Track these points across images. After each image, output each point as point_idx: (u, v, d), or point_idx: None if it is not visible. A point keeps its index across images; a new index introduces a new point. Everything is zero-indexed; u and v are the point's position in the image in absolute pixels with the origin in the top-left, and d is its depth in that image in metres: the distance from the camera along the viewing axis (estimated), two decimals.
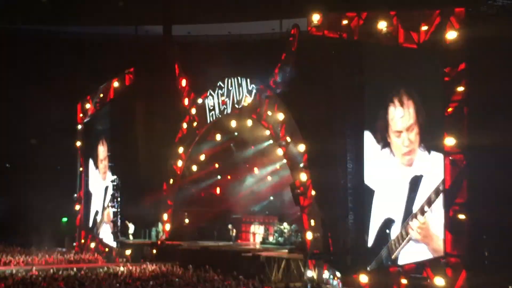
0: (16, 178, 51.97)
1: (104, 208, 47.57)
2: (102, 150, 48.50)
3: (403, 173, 28.07)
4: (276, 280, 31.62)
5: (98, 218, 48.41)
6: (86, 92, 50.12)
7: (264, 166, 43.78)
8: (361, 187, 30.23)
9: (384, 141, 29.16)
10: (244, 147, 43.97)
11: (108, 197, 46.41)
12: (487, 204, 24.35)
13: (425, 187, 26.84)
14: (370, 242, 29.59)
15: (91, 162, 50.12)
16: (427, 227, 26.34)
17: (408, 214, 27.42)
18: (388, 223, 28.59)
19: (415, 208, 27.11)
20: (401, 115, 28.16)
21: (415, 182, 27.35)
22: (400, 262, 27.73)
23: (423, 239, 26.55)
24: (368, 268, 29.05)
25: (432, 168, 26.47)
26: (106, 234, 46.41)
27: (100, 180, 48.61)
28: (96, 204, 49.12)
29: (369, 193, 29.81)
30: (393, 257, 28.19)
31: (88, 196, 50.20)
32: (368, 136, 30.02)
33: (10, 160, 55.13)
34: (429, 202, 26.14)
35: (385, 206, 28.98)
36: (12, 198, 51.91)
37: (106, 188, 47.28)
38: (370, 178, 29.96)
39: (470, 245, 24.96)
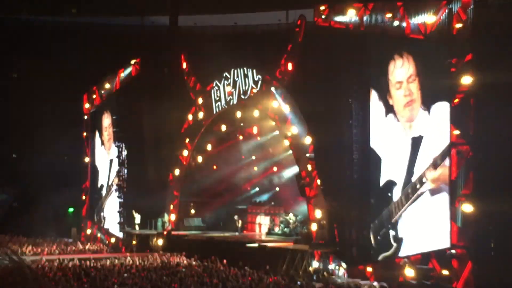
0: (22, 168, 52.08)
1: (109, 186, 47.69)
2: (107, 123, 49.03)
3: (405, 135, 28.24)
4: (281, 271, 31.62)
5: (104, 190, 48.50)
6: (93, 83, 50.20)
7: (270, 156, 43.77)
8: (367, 156, 30.38)
9: (387, 106, 29.32)
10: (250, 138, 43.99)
11: (113, 172, 46.51)
12: (494, 196, 24.27)
13: (425, 148, 26.99)
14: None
15: (97, 139, 50.39)
16: (443, 174, 26.21)
17: (410, 176, 27.52)
18: (389, 185, 28.65)
19: (416, 169, 27.22)
20: (400, 65, 28.38)
21: (415, 144, 27.50)
22: (400, 232, 27.83)
23: (441, 183, 26.32)
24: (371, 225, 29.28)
25: (432, 128, 26.62)
26: (112, 224, 46.51)
27: (104, 154, 49.05)
28: (103, 177, 49.36)
29: (377, 160, 29.90)
30: (393, 220, 28.26)
31: (95, 173, 50.29)
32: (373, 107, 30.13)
33: (17, 150, 55.25)
34: (444, 155, 26.04)
35: (389, 169, 29.12)
36: (18, 188, 52.09)
37: (111, 161, 47.42)
38: (377, 145, 30.11)
39: (476, 237, 24.91)
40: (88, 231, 49.50)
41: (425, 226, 26.76)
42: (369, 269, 29.03)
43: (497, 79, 24.37)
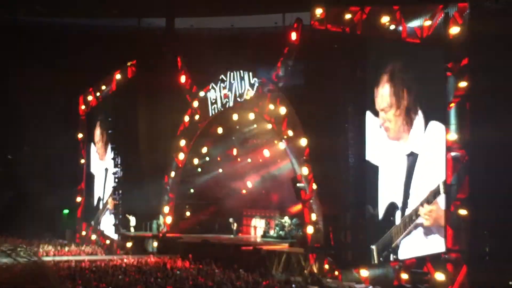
0: (18, 170, 52.01)
1: (105, 194, 47.59)
2: (99, 135, 49.06)
3: (398, 152, 28.29)
4: (276, 274, 31.61)
5: (101, 204, 48.39)
6: (89, 84, 50.17)
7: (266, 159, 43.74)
8: (363, 160, 30.36)
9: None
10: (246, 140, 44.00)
11: (109, 179, 46.37)
12: (489, 200, 24.31)
13: (421, 167, 26.99)
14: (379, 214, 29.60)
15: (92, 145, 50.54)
16: (436, 211, 26.21)
17: (407, 198, 27.52)
18: (392, 209, 28.55)
19: (413, 192, 27.23)
20: (383, 94, 28.89)
21: (411, 162, 27.52)
22: (401, 256, 27.71)
23: (434, 223, 26.32)
24: (375, 245, 29.13)
25: (428, 147, 26.64)
26: (107, 226, 46.46)
27: (99, 162, 49.03)
28: (98, 186, 49.22)
29: (373, 169, 29.88)
30: (393, 245, 28.19)
31: (90, 178, 50.23)
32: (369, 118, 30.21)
33: (12, 152, 55.16)
34: (435, 194, 26.04)
35: (387, 188, 29.06)
36: (13, 189, 51.98)
37: (106, 170, 47.38)
38: (372, 155, 30.13)
39: (471, 241, 24.93)
40: (83, 233, 49.41)
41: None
42: (364, 272, 29.00)
43: (493, 84, 24.45)
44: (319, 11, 32.48)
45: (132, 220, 45.10)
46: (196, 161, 45.16)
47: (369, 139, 30.19)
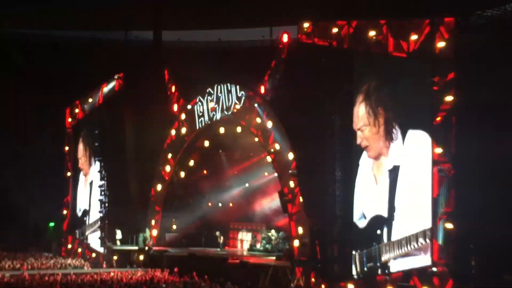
0: (2, 183, 51.73)
1: (90, 208, 47.42)
2: (81, 148, 49.08)
3: (381, 168, 28.51)
4: (263, 287, 31.58)
5: (87, 219, 48.17)
6: (75, 97, 50.04)
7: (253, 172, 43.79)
8: (350, 173, 30.42)
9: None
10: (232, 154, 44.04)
11: (95, 193, 46.26)
12: (475, 214, 24.40)
13: (404, 178, 27.07)
14: (361, 224, 29.60)
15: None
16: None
17: (392, 211, 27.47)
18: (378, 222, 28.47)
19: (398, 205, 27.24)
20: (359, 113, 29.35)
21: (393, 177, 27.59)
22: (386, 269, 27.74)
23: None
24: (357, 252, 29.17)
25: (409, 157, 26.80)
26: (93, 239, 46.25)
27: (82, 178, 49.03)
28: (83, 199, 49.10)
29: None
30: (383, 260, 28.11)
31: (76, 185, 50.19)
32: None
33: None
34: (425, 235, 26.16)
35: (373, 197, 29.06)
36: None
37: (91, 183, 47.24)
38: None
39: (458, 254, 25.00)
40: (69, 246, 49.17)
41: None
42: (351, 286, 29.01)
43: (479, 98, 24.58)
44: (306, 25, 32.62)
45: (118, 233, 44.93)
46: (182, 174, 45.10)
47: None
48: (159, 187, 45.33)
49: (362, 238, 29.42)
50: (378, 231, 28.36)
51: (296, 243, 33.46)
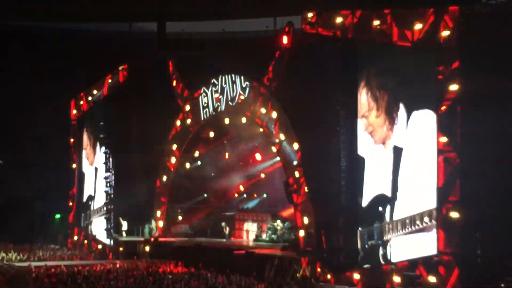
0: (9, 175, 51.88)
1: (96, 194, 47.50)
2: (86, 139, 49.28)
3: (385, 150, 28.64)
4: (269, 278, 31.62)
5: (92, 204, 48.26)
6: (80, 89, 50.08)
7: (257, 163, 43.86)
8: (355, 163, 30.53)
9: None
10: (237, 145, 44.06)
11: (100, 179, 46.32)
12: (480, 202, 24.39)
13: (407, 160, 27.19)
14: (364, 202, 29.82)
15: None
16: None
17: (396, 190, 27.61)
18: (380, 200, 28.61)
19: (401, 184, 27.34)
20: (361, 100, 29.62)
21: (397, 157, 27.71)
22: (393, 258, 27.77)
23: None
24: (360, 229, 29.41)
25: (412, 139, 26.89)
26: (99, 231, 46.36)
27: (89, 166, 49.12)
28: (88, 185, 49.20)
29: (361, 161, 30.21)
30: (384, 238, 28.22)
31: (81, 177, 50.23)
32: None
33: (3, 157, 54.97)
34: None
35: (375, 180, 29.23)
36: (5, 194, 51.86)
37: (96, 169, 47.28)
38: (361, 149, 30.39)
39: (463, 243, 25.00)
40: (75, 238, 49.30)
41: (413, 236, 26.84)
42: (356, 276, 29.05)
43: (484, 87, 24.50)
44: (310, 15, 32.53)
45: (124, 225, 45.03)
46: (187, 165, 45.14)
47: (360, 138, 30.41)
48: (164, 178, 45.38)
49: (364, 217, 29.61)
50: (380, 208, 28.44)
51: (301, 233, 33.50)
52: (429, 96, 26.14)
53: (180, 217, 46.02)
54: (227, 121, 41.42)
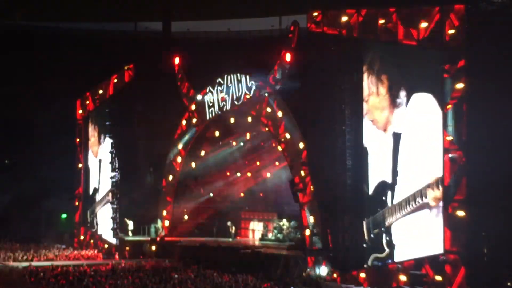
0: (15, 175, 51.96)
1: (100, 184, 47.54)
2: (91, 129, 49.30)
3: (385, 136, 28.81)
4: (275, 277, 31.60)
5: (97, 195, 48.33)
6: (86, 89, 50.13)
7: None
8: (360, 162, 30.61)
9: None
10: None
11: (104, 170, 46.44)
12: (486, 201, 24.34)
13: (405, 144, 27.36)
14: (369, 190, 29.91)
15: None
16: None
17: (396, 175, 27.78)
18: (383, 187, 28.70)
19: (401, 169, 27.52)
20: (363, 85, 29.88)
21: (395, 142, 27.95)
22: (398, 257, 27.79)
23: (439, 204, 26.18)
24: (365, 219, 29.50)
25: (411, 124, 27.06)
26: (105, 230, 46.40)
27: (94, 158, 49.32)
28: (93, 178, 49.28)
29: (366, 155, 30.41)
30: (387, 224, 28.28)
31: (87, 176, 50.31)
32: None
33: (10, 157, 55.11)
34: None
35: (377, 168, 29.42)
36: (11, 194, 51.95)
37: (100, 161, 47.37)
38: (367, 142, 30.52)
39: (469, 242, 24.95)
40: (81, 237, 49.36)
41: (419, 233, 26.76)
42: (362, 274, 29.04)
43: (489, 85, 24.45)
44: (315, 14, 32.51)
45: (130, 224, 45.08)
46: (193, 164, 45.18)
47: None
48: (170, 177, 45.41)
49: (368, 206, 29.75)
50: (383, 196, 28.60)
51: (307, 232, 33.49)
52: (430, 77, 26.18)
53: (186, 217, 46.04)
54: (232, 120, 41.43)
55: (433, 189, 25.82)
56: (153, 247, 40.99)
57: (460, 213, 24.70)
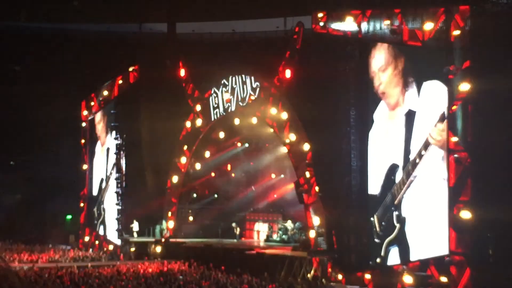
0: (20, 176, 52.03)
1: (107, 173, 47.57)
2: (99, 116, 49.48)
3: (398, 115, 28.68)
4: (280, 278, 31.57)
5: (104, 184, 48.37)
6: (91, 90, 50.18)
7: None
8: (366, 163, 30.62)
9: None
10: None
11: (111, 160, 46.50)
12: (492, 202, 24.31)
13: (419, 124, 27.29)
14: (376, 190, 29.76)
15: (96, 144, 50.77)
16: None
17: (408, 154, 27.71)
18: (393, 169, 28.70)
19: (413, 148, 27.41)
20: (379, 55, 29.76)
21: (410, 121, 27.79)
22: (403, 213, 27.87)
23: (443, 145, 26.16)
24: (375, 215, 29.42)
25: (423, 105, 27.06)
26: (110, 231, 46.44)
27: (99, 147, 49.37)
28: (100, 168, 49.37)
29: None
30: (396, 202, 28.25)
31: (92, 177, 50.38)
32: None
33: (14, 158, 55.17)
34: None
35: (386, 152, 29.35)
36: (16, 195, 52.02)
37: (108, 149, 47.41)
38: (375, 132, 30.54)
39: (475, 243, 24.93)
40: (86, 238, 49.39)
41: (424, 233, 26.75)
42: (368, 276, 29.01)
43: (494, 86, 24.44)
44: (320, 15, 32.50)
45: (135, 225, 45.10)
46: (198, 165, 45.20)
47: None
48: (175, 178, 45.43)
49: (376, 205, 29.68)
50: (392, 177, 28.54)
51: (312, 233, 33.46)
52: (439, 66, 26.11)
53: (191, 218, 46.04)
54: (237, 121, 41.43)
55: (435, 126, 26.08)
56: (158, 248, 40.98)
57: (465, 214, 24.67)
